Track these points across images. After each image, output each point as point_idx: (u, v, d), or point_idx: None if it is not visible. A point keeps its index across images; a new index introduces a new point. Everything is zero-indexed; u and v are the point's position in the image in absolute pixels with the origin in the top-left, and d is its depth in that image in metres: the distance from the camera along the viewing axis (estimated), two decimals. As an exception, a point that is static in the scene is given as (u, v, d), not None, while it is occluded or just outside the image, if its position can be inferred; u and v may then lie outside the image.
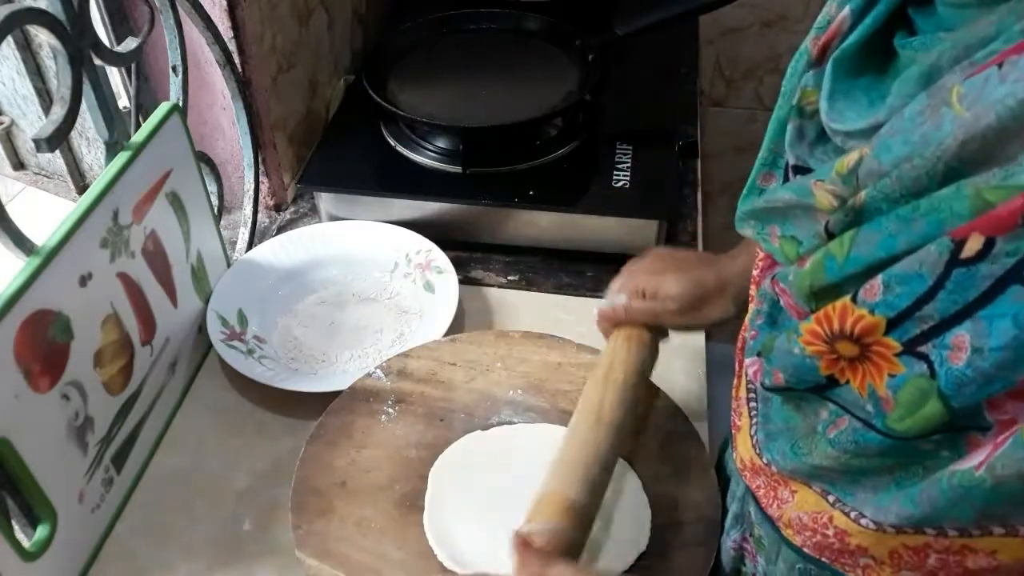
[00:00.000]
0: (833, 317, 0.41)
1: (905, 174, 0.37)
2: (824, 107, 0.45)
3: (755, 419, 0.57)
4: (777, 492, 0.55)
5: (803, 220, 0.45)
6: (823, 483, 0.51)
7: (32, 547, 0.58)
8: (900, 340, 0.39)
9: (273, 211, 1.01)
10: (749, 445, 0.57)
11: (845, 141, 0.44)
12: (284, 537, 0.65)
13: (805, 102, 0.48)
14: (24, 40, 0.87)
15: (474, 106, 0.97)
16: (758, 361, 0.51)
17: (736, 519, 0.64)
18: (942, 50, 0.38)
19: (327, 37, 1.09)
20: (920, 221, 0.37)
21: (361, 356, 0.80)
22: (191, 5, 0.77)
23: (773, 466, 0.54)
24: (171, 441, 0.75)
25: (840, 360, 0.43)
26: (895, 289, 0.38)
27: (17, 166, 1.01)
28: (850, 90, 0.45)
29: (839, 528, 0.50)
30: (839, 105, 0.44)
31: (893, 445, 0.43)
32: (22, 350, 0.56)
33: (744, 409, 0.59)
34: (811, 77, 0.47)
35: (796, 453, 0.51)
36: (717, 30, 1.48)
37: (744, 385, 0.60)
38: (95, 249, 0.63)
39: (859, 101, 0.44)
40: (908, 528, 0.45)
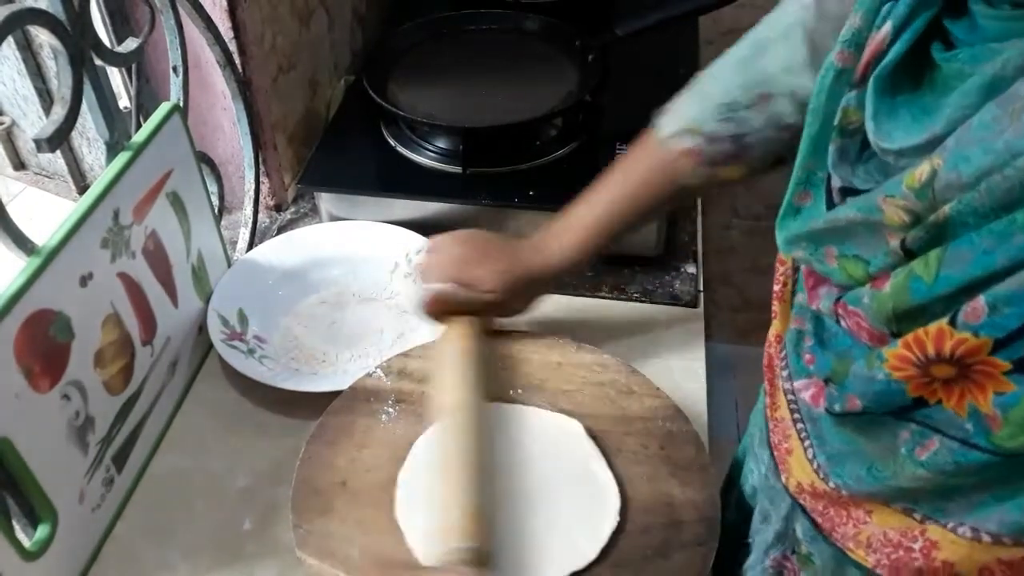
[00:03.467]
0: (927, 342, 0.40)
1: (995, 186, 0.36)
2: (871, 128, 0.44)
3: (807, 442, 0.56)
4: (850, 513, 0.54)
5: (868, 239, 0.44)
6: (906, 502, 0.50)
7: (33, 547, 0.59)
8: (1010, 359, 0.38)
9: (273, 211, 1.01)
10: (809, 470, 0.56)
11: (898, 159, 0.43)
12: (284, 537, 0.65)
13: (847, 122, 0.47)
14: (25, 40, 0.87)
15: (474, 106, 0.97)
16: (818, 385, 0.49)
17: (778, 538, 0.63)
18: (1006, 59, 0.38)
19: (327, 37, 1.09)
20: (1020, 235, 0.36)
21: (361, 356, 0.80)
22: (192, 6, 0.77)
23: (844, 490, 0.53)
24: (171, 441, 0.75)
25: (933, 382, 0.42)
26: (1003, 310, 0.37)
27: (18, 166, 1.01)
28: (892, 108, 0.44)
29: (930, 540, 0.49)
30: (885, 125, 0.44)
31: (998, 461, 0.42)
32: (23, 350, 0.56)
33: (792, 432, 0.58)
34: (854, 97, 0.46)
35: (875, 476, 0.50)
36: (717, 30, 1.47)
37: (786, 406, 0.58)
38: (96, 249, 0.63)
39: (902, 118, 0.43)
40: (1007, 539, 0.45)
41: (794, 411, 0.57)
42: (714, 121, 0.65)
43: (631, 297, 0.87)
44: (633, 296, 0.87)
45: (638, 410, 0.68)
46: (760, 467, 0.67)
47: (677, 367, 0.79)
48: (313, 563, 0.58)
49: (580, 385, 0.70)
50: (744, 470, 0.72)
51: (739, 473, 0.73)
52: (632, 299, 0.87)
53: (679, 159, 0.67)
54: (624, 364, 0.71)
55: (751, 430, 0.72)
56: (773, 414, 0.61)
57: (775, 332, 0.62)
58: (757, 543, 0.67)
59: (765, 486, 0.65)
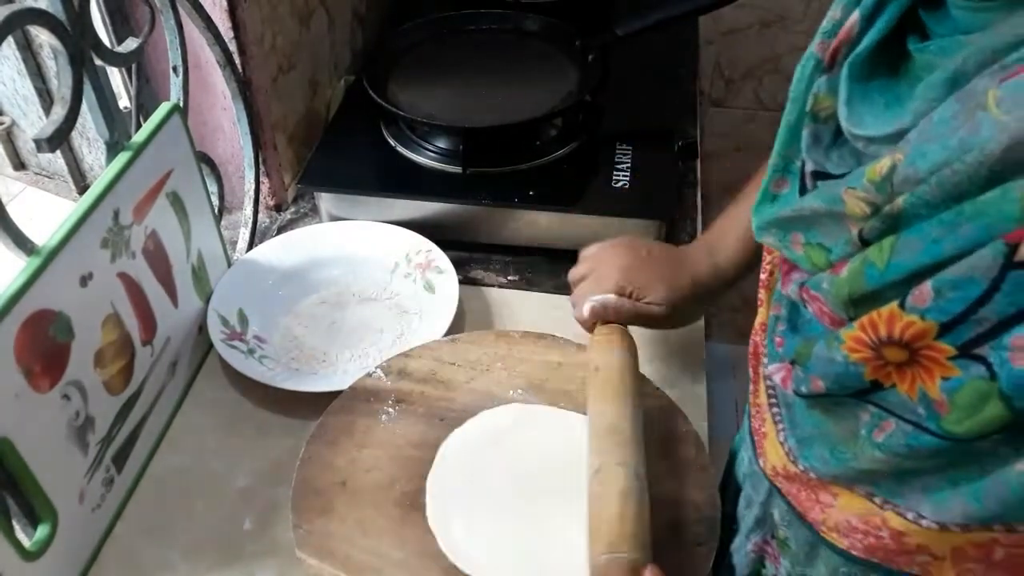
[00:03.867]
0: (879, 324, 0.41)
1: (945, 180, 0.37)
2: (843, 113, 0.45)
3: (780, 425, 0.57)
4: (817, 496, 0.55)
5: (831, 227, 0.45)
6: (867, 485, 0.51)
7: (32, 547, 0.59)
8: (954, 344, 0.39)
9: (273, 211, 1.01)
10: (781, 453, 0.57)
11: (867, 146, 0.44)
12: (284, 537, 0.65)
13: (818, 107, 0.48)
14: (25, 40, 0.87)
15: (474, 106, 0.98)
16: (787, 368, 0.50)
17: (757, 523, 0.64)
18: (967, 54, 0.38)
19: (327, 37, 1.09)
20: (966, 226, 0.37)
21: (361, 356, 0.80)
22: (192, 6, 0.77)
23: (811, 472, 0.53)
24: (171, 441, 0.75)
25: (887, 365, 0.43)
26: (947, 294, 0.38)
27: (18, 166, 1.01)
28: (866, 94, 0.45)
29: (895, 529, 0.49)
30: (858, 110, 0.44)
31: (948, 446, 0.42)
32: (23, 350, 0.56)
33: (767, 415, 0.59)
34: (824, 83, 0.47)
35: (838, 459, 0.51)
36: (717, 30, 1.48)
37: (764, 391, 0.59)
38: (96, 249, 0.64)
39: (875, 104, 0.44)
40: (974, 526, 0.45)
41: (771, 395, 0.58)
42: None
43: (631, 297, 0.87)
44: (633, 296, 0.87)
45: (638, 410, 0.68)
46: (747, 453, 0.67)
47: (677, 367, 0.79)
48: (313, 563, 0.58)
49: (580, 385, 0.70)
50: (738, 459, 0.72)
51: (732, 463, 0.74)
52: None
53: None
54: (624, 364, 0.71)
55: (744, 427, 0.73)
56: (755, 400, 0.62)
57: (760, 320, 0.62)
58: (741, 528, 0.67)
59: (750, 472, 0.66)
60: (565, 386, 0.70)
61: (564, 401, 0.69)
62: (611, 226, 0.88)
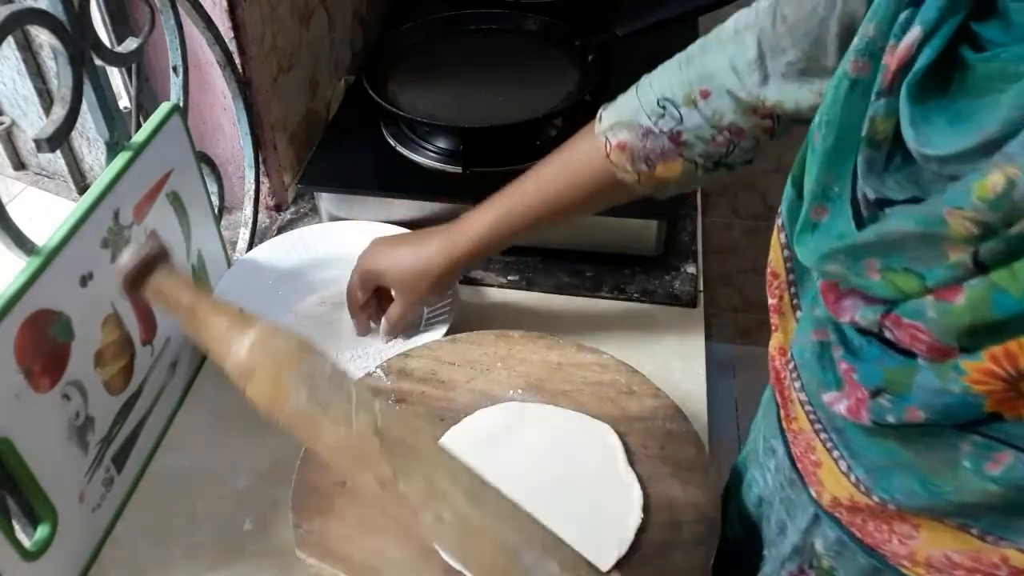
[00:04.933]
0: (1020, 355, 0.38)
1: None
2: (910, 135, 0.43)
3: (837, 453, 0.54)
4: (892, 527, 0.52)
5: (922, 251, 0.42)
6: (963, 518, 0.48)
7: (33, 547, 0.59)
8: None
9: (273, 211, 1.01)
10: (846, 483, 0.54)
11: (942, 167, 0.42)
12: (284, 537, 0.65)
13: (874, 132, 0.45)
14: (25, 40, 0.87)
15: (474, 106, 0.97)
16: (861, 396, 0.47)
17: (795, 551, 0.62)
18: None
19: (327, 37, 1.09)
20: None
21: (361, 356, 0.80)
22: (192, 5, 0.77)
23: (892, 505, 0.51)
24: (171, 441, 0.75)
25: (1019, 397, 0.40)
26: None
27: (18, 166, 1.01)
28: (925, 114, 0.43)
29: (1017, 568, 0.47)
30: (923, 131, 0.42)
31: None
32: (23, 350, 0.56)
33: (816, 443, 0.56)
34: (882, 106, 0.45)
35: (931, 491, 0.48)
36: (717, 30, 1.47)
37: (803, 417, 0.57)
38: (96, 249, 0.64)
39: (937, 124, 0.42)
40: None
41: (814, 422, 0.55)
42: (650, 116, 0.65)
43: (631, 297, 0.87)
44: (633, 296, 0.87)
45: (638, 410, 0.68)
46: (767, 476, 0.65)
47: (677, 367, 0.79)
48: (313, 563, 0.58)
49: (580, 385, 0.70)
50: (746, 480, 0.71)
51: (739, 484, 0.72)
52: (632, 299, 0.87)
53: (613, 152, 0.67)
54: (624, 364, 0.71)
55: (751, 442, 0.71)
56: (789, 426, 0.60)
57: (777, 344, 0.60)
58: (772, 556, 0.65)
59: (781, 497, 0.63)
60: (565, 386, 0.70)
61: (564, 401, 0.69)
62: (611, 226, 0.88)
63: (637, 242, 0.89)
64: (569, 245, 0.91)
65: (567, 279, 0.89)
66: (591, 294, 0.88)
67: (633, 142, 0.66)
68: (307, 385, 0.50)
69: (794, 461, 0.60)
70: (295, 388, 0.50)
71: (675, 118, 0.64)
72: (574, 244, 0.91)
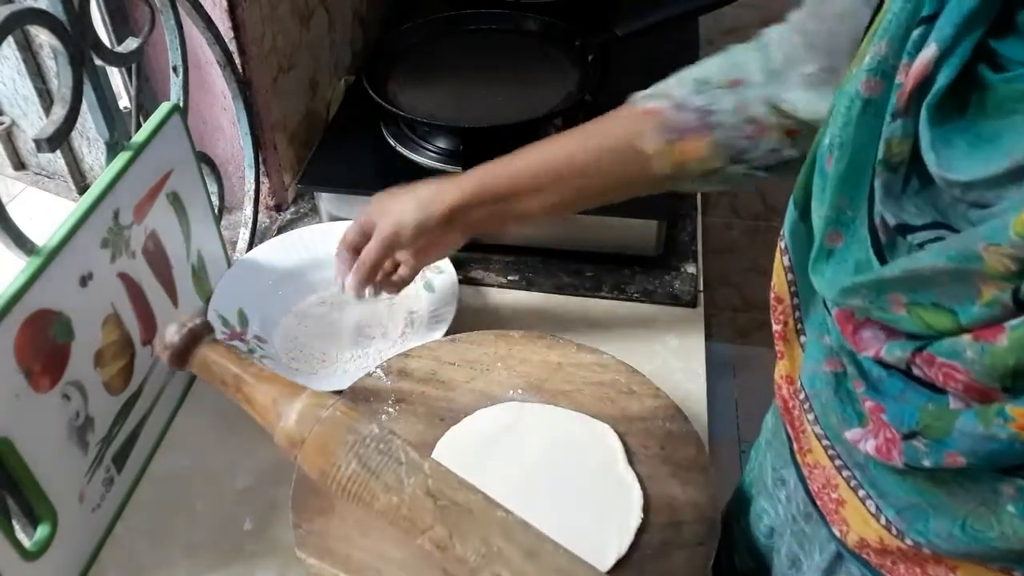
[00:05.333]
0: None
1: None
2: (931, 159, 0.41)
3: (863, 492, 0.52)
4: (925, 570, 0.50)
5: (954, 287, 0.40)
6: (1006, 562, 0.46)
7: (33, 547, 0.59)
8: None
9: (273, 211, 1.01)
10: (875, 525, 0.51)
11: (965, 192, 0.40)
12: (284, 537, 0.65)
13: (891, 155, 0.43)
14: (25, 40, 0.87)
15: (474, 106, 0.97)
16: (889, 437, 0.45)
17: None
18: None
19: (327, 37, 1.09)
20: None
21: (361, 356, 0.80)
22: (191, 5, 0.77)
23: (927, 548, 0.48)
24: (171, 441, 0.75)
25: None
26: None
27: (18, 166, 1.01)
28: (946, 136, 0.41)
29: None
30: (944, 154, 0.40)
31: None
32: (23, 350, 0.56)
33: (838, 480, 0.53)
34: (899, 128, 0.43)
35: (973, 536, 0.45)
36: (717, 30, 1.47)
37: (821, 451, 0.54)
38: (96, 249, 0.64)
39: (958, 147, 0.40)
40: None
41: (834, 457, 0.53)
42: (685, 90, 0.65)
43: (631, 297, 0.87)
44: (633, 296, 0.87)
45: (638, 410, 0.68)
46: (778, 508, 0.64)
47: (677, 367, 0.79)
48: (313, 563, 0.58)
49: (580, 385, 0.70)
50: (754, 510, 0.68)
51: (746, 510, 0.70)
52: (632, 299, 0.87)
53: (642, 117, 0.66)
54: (624, 364, 0.71)
55: (756, 468, 0.69)
56: (804, 459, 0.57)
57: (783, 373, 0.58)
58: None
59: (794, 530, 0.62)
60: (565, 386, 0.70)
61: (564, 401, 0.69)
62: (611, 226, 0.88)
63: (637, 242, 0.88)
64: (569, 245, 0.91)
65: (567, 279, 0.89)
66: (591, 294, 0.88)
67: (665, 110, 0.65)
68: (356, 453, 0.51)
69: (812, 496, 0.58)
70: (345, 457, 0.51)
71: (708, 97, 0.64)
72: (574, 244, 0.91)
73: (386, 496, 0.50)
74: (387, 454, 0.51)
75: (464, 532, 0.49)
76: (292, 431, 0.52)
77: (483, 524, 0.50)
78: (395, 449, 0.52)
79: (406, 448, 0.52)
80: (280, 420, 0.52)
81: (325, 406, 0.52)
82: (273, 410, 0.53)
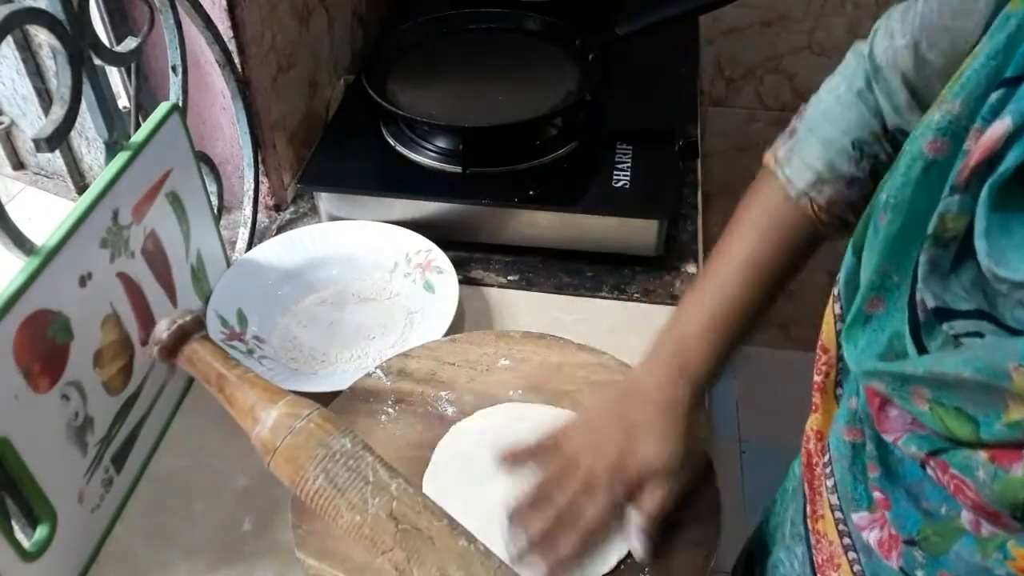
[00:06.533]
0: None
1: None
2: (982, 248, 0.37)
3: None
4: None
5: (980, 397, 0.36)
6: None
7: (32, 547, 0.58)
8: None
9: (273, 211, 1.01)
10: None
11: (1012, 290, 0.36)
12: (284, 537, 0.65)
13: (943, 230, 0.39)
14: (24, 40, 0.87)
15: (474, 106, 0.97)
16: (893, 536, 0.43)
17: None
18: None
19: (327, 37, 1.09)
20: None
21: (361, 356, 0.80)
22: (191, 5, 0.77)
23: None
24: (171, 441, 0.75)
25: None
26: None
27: (17, 166, 1.01)
28: (1006, 224, 0.36)
29: None
30: (998, 244, 0.36)
31: None
32: (22, 350, 0.56)
33: (842, 561, 0.50)
34: (956, 203, 0.38)
35: None
36: (717, 30, 1.48)
37: (832, 524, 0.51)
38: (95, 249, 0.63)
39: (1017, 237, 0.36)
40: None
41: (843, 534, 0.50)
42: (849, 162, 0.56)
43: (631, 297, 0.87)
44: (633, 296, 0.87)
45: (638, 410, 0.68)
46: (793, 562, 0.61)
47: (677, 367, 0.79)
48: (313, 563, 0.58)
49: (580, 385, 0.70)
50: (772, 560, 0.65)
51: (765, 556, 0.67)
52: (632, 299, 0.87)
53: (824, 214, 0.57)
54: (624, 364, 0.71)
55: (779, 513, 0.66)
56: (814, 525, 0.54)
57: (815, 427, 0.55)
58: None
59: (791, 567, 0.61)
60: (565, 386, 0.70)
61: (564, 401, 0.69)
62: (611, 226, 0.88)
63: (637, 242, 0.88)
64: (569, 245, 0.91)
65: (567, 279, 0.89)
66: (591, 294, 0.88)
67: (841, 195, 0.57)
68: (324, 468, 0.51)
69: (814, 568, 0.55)
70: (313, 471, 0.51)
71: (872, 157, 0.57)
72: (574, 244, 0.91)
73: (350, 514, 0.50)
74: (355, 471, 0.51)
75: (422, 558, 0.49)
76: (266, 439, 0.52)
77: (442, 552, 0.49)
78: (364, 467, 0.52)
79: (376, 467, 0.52)
80: (256, 426, 0.53)
81: (300, 416, 0.52)
82: (251, 415, 0.53)
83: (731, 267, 0.60)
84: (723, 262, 0.60)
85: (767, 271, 0.59)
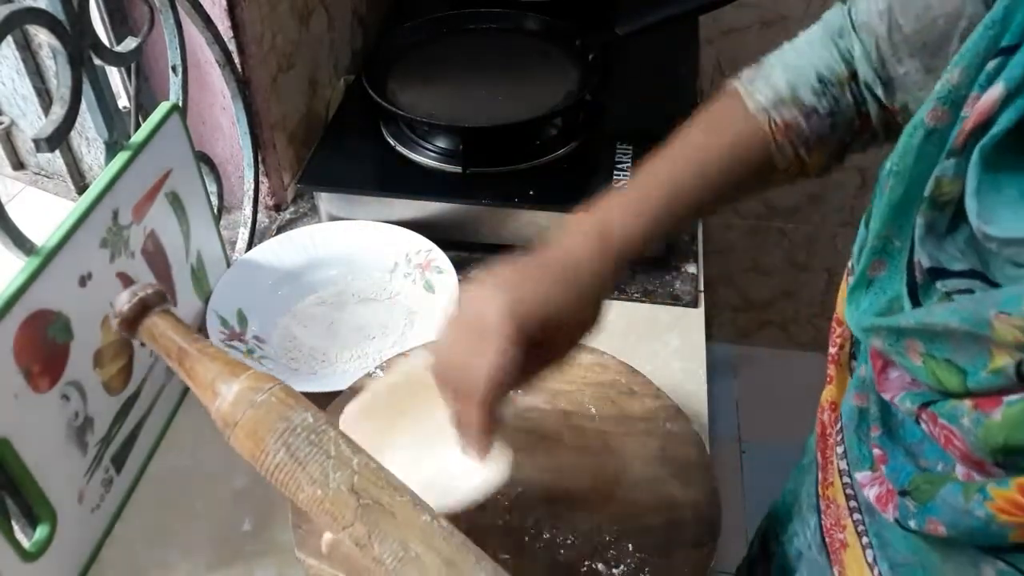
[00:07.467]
0: None
1: None
2: (972, 207, 0.38)
3: (866, 539, 0.50)
4: None
5: (967, 345, 0.38)
6: None
7: (32, 547, 0.58)
8: None
9: (273, 211, 1.01)
10: (869, 574, 0.50)
11: (1001, 248, 0.38)
12: (284, 537, 0.65)
13: (940, 193, 0.41)
14: (24, 40, 0.87)
15: (474, 106, 0.97)
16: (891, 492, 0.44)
17: None
18: None
19: (327, 37, 1.09)
20: None
21: (361, 356, 0.80)
22: (191, 5, 0.77)
23: None
24: (171, 441, 0.75)
25: None
26: None
27: (17, 166, 1.01)
28: (996, 184, 0.38)
29: None
30: (988, 203, 0.38)
31: None
32: (22, 350, 0.56)
33: (847, 522, 0.52)
34: (952, 167, 0.40)
35: None
36: (717, 30, 1.48)
37: (840, 489, 0.53)
38: (95, 249, 0.63)
39: (1007, 196, 0.37)
40: None
41: (850, 497, 0.52)
42: (812, 94, 0.57)
43: (631, 297, 0.87)
44: (633, 296, 0.87)
45: (639, 411, 0.68)
46: (807, 532, 0.62)
47: (677, 367, 0.79)
48: (313, 563, 0.58)
49: (580, 385, 0.70)
50: (788, 531, 0.66)
51: (782, 531, 0.68)
52: (632, 299, 0.87)
53: (779, 133, 0.57)
54: (624, 364, 0.71)
55: (794, 490, 0.67)
56: (825, 491, 0.56)
57: (829, 399, 0.56)
58: None
59: (808, 557, 0.61)
60: (565, 386, 0.70)
61: (564, 401, 0.69)
62: (611, 226, 0.88)
63: (637, 242, 0.88)
64: (569, 245, 0.91)
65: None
66: (591, 294, 0.88)
67: (796, 123, 0.57)
68: (285, 441, 0.50)
69: (823, 533, 0.56)
70: (273, 445, 0.50)
71: (833, 98, 0.57)
72: (574, 244, 0.91)
73: (311, 488, 0.49)
74: (317, 445, 0.50)
75: (384, 533, 0.48)
76: (226, 412, 0.51)
77: (404, 527, 0.49)
78: (326, 441, 0.51)
79: (338, 441, 0.51)
80: (217, 399, 0.52)
81: (262, 390, 0.51)
82: (212, 388, 0.52)
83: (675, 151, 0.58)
84: (665, 153, 0.58)
85: (709, 164, 0.57)
